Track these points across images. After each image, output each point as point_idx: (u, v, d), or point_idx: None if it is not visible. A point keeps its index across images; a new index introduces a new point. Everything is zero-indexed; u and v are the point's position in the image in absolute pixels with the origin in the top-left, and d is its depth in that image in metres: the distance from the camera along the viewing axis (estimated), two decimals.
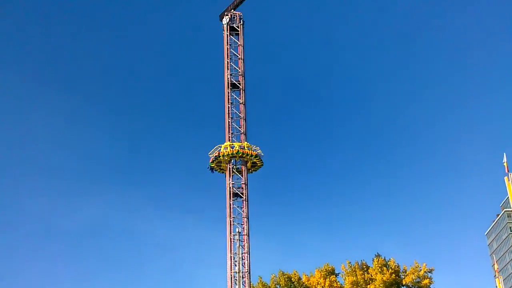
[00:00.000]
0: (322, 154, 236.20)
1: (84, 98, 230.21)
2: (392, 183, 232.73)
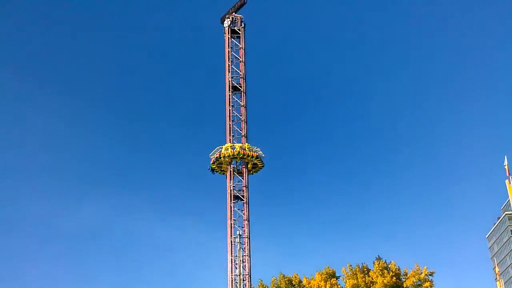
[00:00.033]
0: (322, 156, 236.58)
1: (84, 101, 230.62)
2: (393, 186, 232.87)
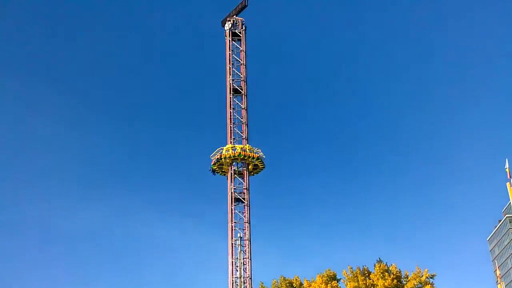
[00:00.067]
0: (323, 157, 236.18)
1: (85, 102, 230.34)
2: (394, 188, 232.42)
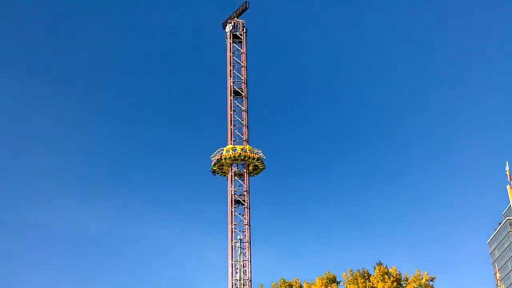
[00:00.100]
0: (323, 159, 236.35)
1: (85, 103, 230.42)
2: (394, 191, 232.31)
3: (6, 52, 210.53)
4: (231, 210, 69.80)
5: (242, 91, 77.17)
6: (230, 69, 78.03)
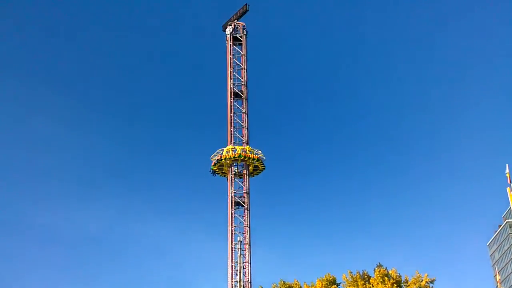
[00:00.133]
0: (323, 159, 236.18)
1: (85, 103, 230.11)
2: (394, 191, 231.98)
3: (6, 52, 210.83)
4: (231, 212, 69.90)
5: (242, 93, 77.27)
6: (230, 71, 78.14)
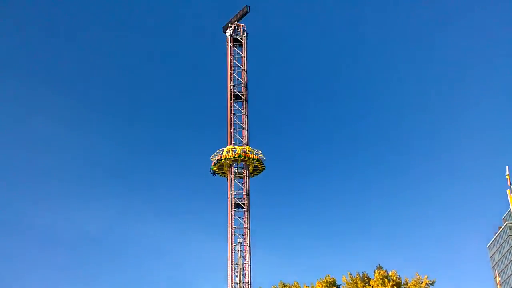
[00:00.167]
0: (323, 159, 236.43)
1: (85, 103, 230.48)
2: (394, 195, 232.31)
3: (6, 52, 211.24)
4: (231, 214, 69.87)
5: (242, 95, 77.26)
6: (231, 72, 78.17)
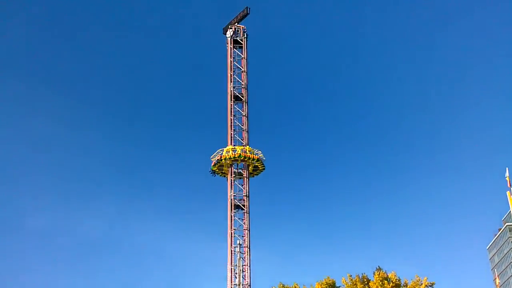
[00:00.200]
0: (323, 160, 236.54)
1: (85, 103, 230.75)
2: (394, 196, 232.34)
3: (6, 52, 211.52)
4: (231, 215, 69.87)
5: (243, 96, 77.28)
6: (231, 74, 78.18)
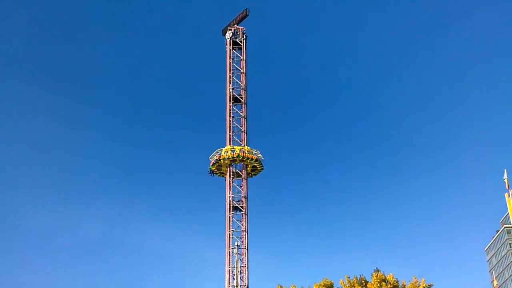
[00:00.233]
0: (322, 160, 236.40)
1: (85, 103, 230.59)
2: (392, 198, 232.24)
3: (6, 52, 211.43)
4: (229, 217, 69.91)
5: (242, 98, 77.36)
6: (230, 75, 78.26)
